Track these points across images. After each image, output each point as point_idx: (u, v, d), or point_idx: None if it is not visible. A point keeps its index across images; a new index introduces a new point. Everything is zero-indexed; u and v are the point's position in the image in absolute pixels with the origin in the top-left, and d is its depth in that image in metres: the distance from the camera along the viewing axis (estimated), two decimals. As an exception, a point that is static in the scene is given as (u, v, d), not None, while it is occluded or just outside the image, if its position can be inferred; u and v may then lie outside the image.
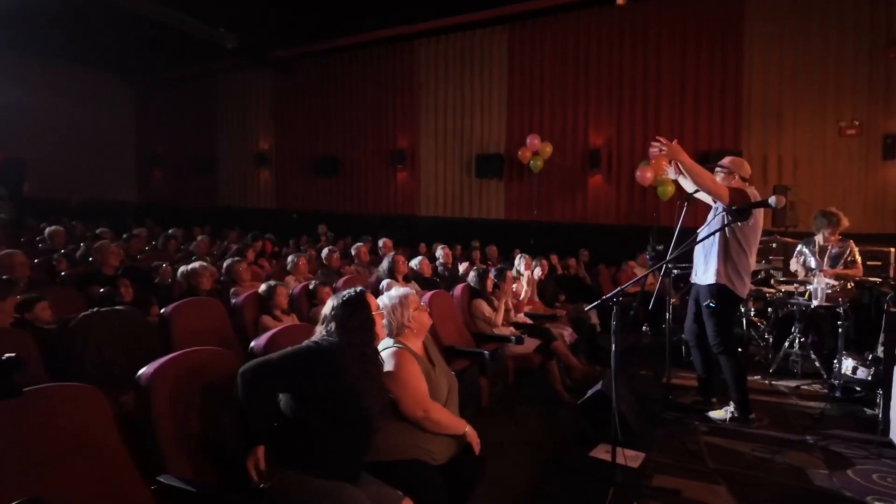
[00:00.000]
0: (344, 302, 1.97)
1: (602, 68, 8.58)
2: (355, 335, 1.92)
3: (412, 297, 2.31)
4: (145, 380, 1.93)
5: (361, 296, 2.00)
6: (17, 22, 9.23)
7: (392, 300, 2.27)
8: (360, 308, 1.96)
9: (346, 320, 1.92)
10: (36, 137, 11.68)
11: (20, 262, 3.91)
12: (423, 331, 2.31)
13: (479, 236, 9.01)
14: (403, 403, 2.07)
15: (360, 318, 1.94)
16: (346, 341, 1.90)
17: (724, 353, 3.42)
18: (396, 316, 2.24)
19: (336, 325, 1.93)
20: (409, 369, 2.12)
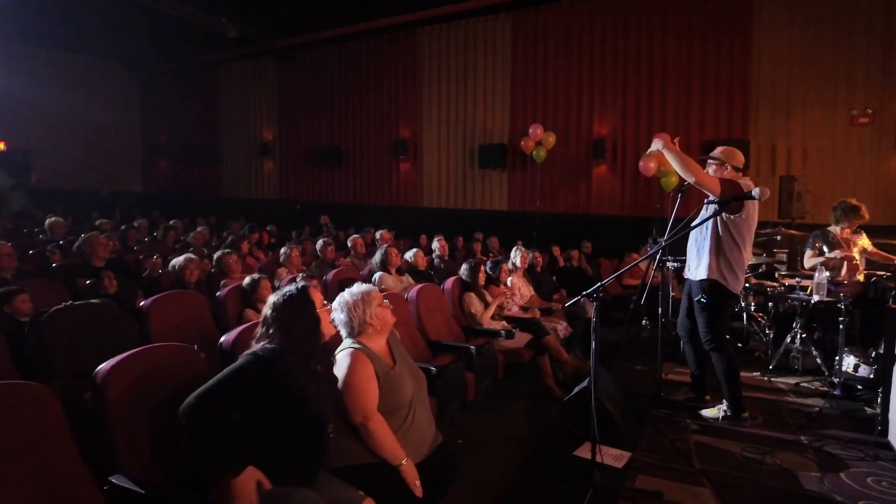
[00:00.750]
0: (284, 302, 1.86)
1: (607, 56, 8.39)
2: (298, 337, 1.81)
3: (375, 294, 2.24)
4: (100, 377, 1.88)
5: (303, 293, 1.89)
6: (22, 12, 9.25)
7: (354, 297, 2.20)
8: (303, 307, 1.86)
9: (287, 322, 1.82)
10: (42, 128, 11.77)
11: (6, 254, 3.91)
12: (386, 328, 2.24)
13: (481, 227, 8.92)
14: (347, 406, 2.00)
15: (302, 318, 1.84)
16: (288, 345, 1.79)
17: (715, 349, 3.31)
18: (358, 313, 2.17)
19: (276, 328, 1.81)
20: (359, 373, 2.04)
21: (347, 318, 2.18)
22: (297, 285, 1.93)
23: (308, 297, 1.88)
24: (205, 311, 3.39)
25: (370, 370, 2.09)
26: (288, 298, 1.86)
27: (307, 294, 1.89)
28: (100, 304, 2.85)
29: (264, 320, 1.85)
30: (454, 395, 3.22)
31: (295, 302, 1.85)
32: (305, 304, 1.86)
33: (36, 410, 1.68)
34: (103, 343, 2.70)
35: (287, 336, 1.79)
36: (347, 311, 2.18)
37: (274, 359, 1.74)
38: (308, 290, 1.91)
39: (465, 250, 8.10)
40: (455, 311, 4.23)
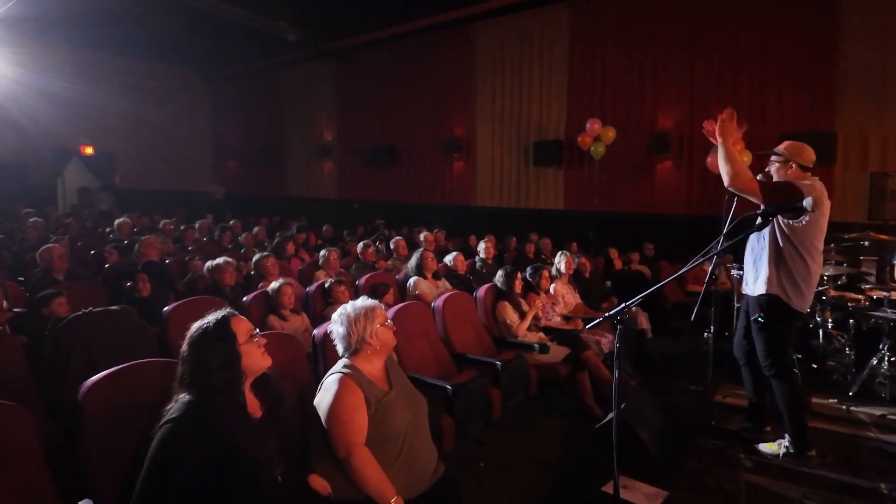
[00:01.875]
0: (199, 335, 1.64)
1: (672, 42, 7.80)
2: (216, 379, 1.59)
3: (379, 312, 2.08)
4: (80, 396, 1.84)
5: (221, 324, 1.67)
6: (101, 23, 9.89)
7: (356, 311, 2.05)
8: (219, 342, 1.63)
9: (202, 361, 1.60)
10: (123, 133, 12.60)
11: (58, 255, 4.10)
12: (386, 350, 2.07)
13: (536, 227, 8.60)
14: (331, 438, 1.85)
15: (219, 355, 1.62)
16: (205, 392, 1.57)
17: (776, 376, 2.89)
18: (358, 329, 2.02)
19: (191, 370, 1.61)
20: (346, 401, 1.88)
21: (346, 332, 2.04)
22: (217, 314, 1.71)
23: (225, 330, 1.66)
24: (228, 317, 3.38)
25: (359, 398, 1.93)
26: (202, 332, 1.65)
27: (226, 325, 1.67)
28: (118, 310, 2.88)
29: (181, 358, 1.66)
30: (474, 415, 3.01)
31: (210, 336, 1.64)
32: (222, 338, 1.64)
33: (8, 429, 1.65)
34: (119, 350, 2.71)
35: (203, 379, 1.59)
36: (347, 325, 2.04)
37: (192, 418, 1.54)
38: (228, 321, 1.69)
39: (517, 252, 7.83)
40: (488, 321, 4.02)
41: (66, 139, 11.73)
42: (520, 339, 3.88)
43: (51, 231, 7.02)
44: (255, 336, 1.74)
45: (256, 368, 1.73)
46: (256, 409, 1.74)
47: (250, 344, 1.70)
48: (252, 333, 1.73)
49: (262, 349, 1.74)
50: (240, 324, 1.71)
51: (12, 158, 11.15)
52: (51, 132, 11.29)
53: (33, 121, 10.76)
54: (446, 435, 2.80)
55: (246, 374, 1.69)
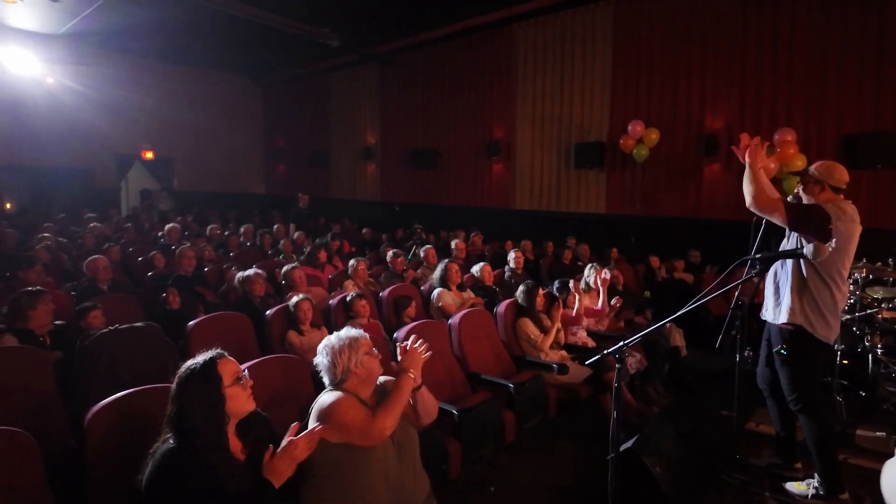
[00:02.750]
0: (186, 377, 1.68)
1: (721, 39, 7.39)
2: (200, 420, 1.62)
3: (364, 342, 2.08)
4: (86, 422, 1.95)
5: (207, 367, 1.69)
6: (158, 34, 10.42)
7: (341, 342, 2.07)
8: (205, 385, 1.66)
9: (187, 402, 1.64)
10: (181, 138, 13.25)
11: (102, 267, 4.36)
12: (372, 379, 2.08)
13: (576, 231, 8.41)
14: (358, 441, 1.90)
15: (204, 397, 1.65)
16: (190, 434, 1.61)
17: (802, 411, 2.69)
18: (343, 360, 2.03)
19: (177, 410, 1.64)
20: (346, 408, 1.92)
21: (331, 363, 2.05)
22: (206, 355, 1.75)
23: (212, 372, 1.69)
24: (249, 332, 3.49)
25: (353, 401, 1.97)
26: (189, 373, 1.69)
27: (212, 369, 1.70)
28: (143, 327, 3.03)
29: (170, 396, 1.70)
30: (483, 439, 2.98)
31: (196, 377, 1.68)
32: (208, 380, 1.68)
33: (14, 455, 1.76)
34: (143, 367, 2.86)
35: (187, 420, 1.63)
36: (332, 357, 2.06)
37: (173, 460, 1.59)
38: (215, 363, 1.72)
39: (554, 258, 7.69)
40: (508, 338, 3.95)
41: (128, 145, 12.46)
42: (541, 356, 3.80)
43: (110, 235, 7.48)
44: (242, 379, 1.76)
45: (241, 410, 1.76)
46: (239, 451, 1.77)
47: (236, 387, 1.72)
48: (239, 376, 1.76)
49: (247, 392, 1.77)
50: (226, 366, 1.74)
51: (80, 164, 11.95)
52: (114, 139, 12.04)
53: (98, 129, 11.51)
54: (453, 460, 2.79)
55: (230, 417, 1.73)
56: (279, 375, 2.48)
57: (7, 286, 4.06)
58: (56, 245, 6.19)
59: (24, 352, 2.62)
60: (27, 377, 2.52)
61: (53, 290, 4.10)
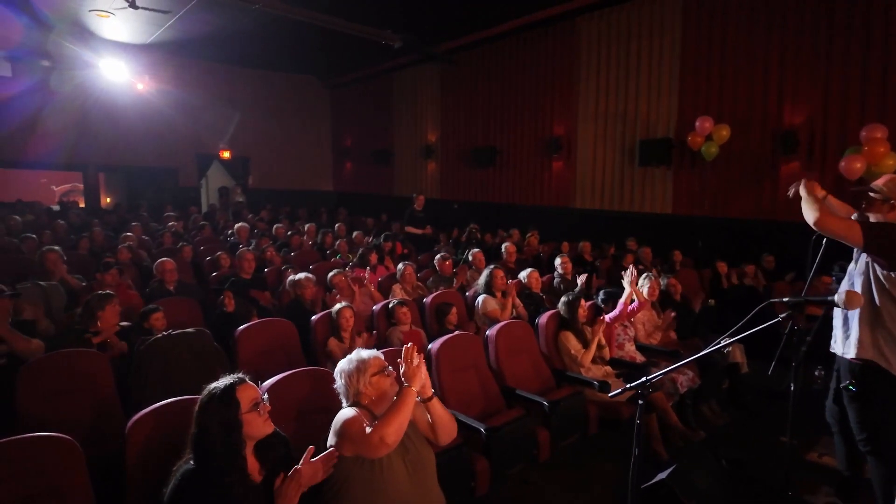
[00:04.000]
0: (206, 402, 1.77)
1: (804, 26, 6.78)
2: (218, 442, 1.72)
3: (372, 363, 2.12)
4: (127, 428, 2.11)
5: (227, 393, 1.77)
6: (233, 40, 10.99)
7: (350, 364, 2.13)
8: (223, 410, 1.75)
9: (206, 426, 1.73)
10: (256, 138, 13.96)
11: (168, 269, 4.68)
12: (384, 398, 2.10)
13: (639, 233, 8.08)
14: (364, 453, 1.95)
15: (221, 423, 1.73)
16: (208, 455, 1.71)
17: (872, 453, 2.44)
18: (353, 382, 2.09)
19: (197, 432, 1.74)
20: (352, 420, 1.98)
21: (344, 387, 2.13)
22: (227, 380, 1.83)
23: (230, 399, 1.77)
24: (294, 339, 3.63)
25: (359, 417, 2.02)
26: (209, 397, 1.79)
27: (231, 395, 1.78)
28: (194, 333, 3.22)
29: (193, 416, 1.80)
30: (513, 457, 2.94)
31: (216, 401, 1.77)
32: (227, 405, 1.76)
33: (57, 461, 1.93)
34: (193, 372, 3.05)
35: (206, 442, 1.73)
36: (345, 380, 2.14)
37: (191, 480, 1.70)
38: (234, 389, 1.79)
39: (613, 261, 7.42)
40: (549, 351, 3.87)
41: (207, 145, 13.28)
42: (582, 372, 3.69)
43: (185, 234, 8.03)
44: (260, 405, 1.84)
45: (258, 434, 1.84)
46: (256, 472, 1.85)
47: (253, 413, 1.80)
48: (257, 402, 1.83)
49: (264, 417, 1.84)
50: (246, 392, 1.82)
51: (166, 164, 12.90)
52: (195, 140, 12.88)
53: (180, 130, 12.36)
54: (480, 477, 2.78)
55: (247, 440, 1.82)
56: (308, 387, 2.57)
57: (88, 287, 4.46)
58: (138, 243, 6.72)
59: (86, 355, 2.87)
60: (88, 379, 2.76)
61: (127, 292, 4.47)
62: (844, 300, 2.04)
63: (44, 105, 10.87)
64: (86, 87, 11.13)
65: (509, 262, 6.15)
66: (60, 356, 2.80)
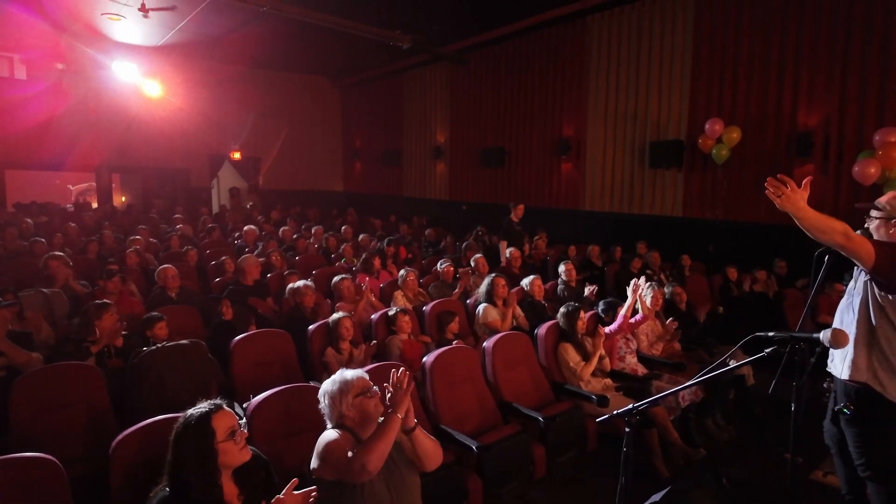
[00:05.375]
0: (182, 430, 1.74)
1: (820, 25, 6.60)
2: (192, 473, 1.70)
3: (355, 383, 2.08)
4: (112, 448, 2.10)
5: (202, 422, 1.74)
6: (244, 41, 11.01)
7: (333, 386, 2.09)
8: (198, 440, 1.72)
9: (181, 456, 1.71)
10: (265, 138, 14.02)
11: (171, 276, 4.70)
12: (368, 419, 2.06)
13: (648, 236, 7.96)
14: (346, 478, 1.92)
15: (196, 452, 1.71)
16: (183, 485, 1.69)
17: (872, 479, 2.36)
18: (336, 404, 2.06)
19: (172, 459, 1.73)
20: (334, 445, 1.96)
21: (328, 408, 2.10)
22: (201, 409, 1.79)
23: (205, 428, 1.74)
24: (290, 350, 3.61)
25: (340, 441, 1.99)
26: (184, 426, 1.76)
27: (206, 424, 1.75)
28: (188, 344, 3.22)
29: (169, 444, 1.77)
30: (507, 475, 2.89)
31: (190, 431, 1.74)
32: (202, 435, 1.73)
33: (40, 482, 1.93)
34: (186, 384, 3.05)
35: (180, 471, 1.71)
36: (328, 401, 2.10)
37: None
38: (209, 418, 1.76)
39: (620, 265, 7.31)
40: (549, 363, 3.81)
41: (218, 146, 13.37)
42: (582, 386, 3.63)
43: (193, 238, 8.08)
44: (236, 433, 1.80)
45: (234, 463, 1.82)
46: (234, 497, 1.83)
47: (229, 442, 1.77)
48: (233, 430, 1.80)
49: (241, 445, 1.81)
50: (221, 420, 1.79)
51: (179, 164, 13.03)
52: (206, 141, 12.97)
53: (192, 132, 12.44)
54: (473, 496, 2.74)
55: (223, 469, 1.80)
56: (297, 405, 2.54)
57: (92, 293, 4.49)
58: (145, 247, 6.77)
59: (82, 369, 2.87)
60: (82, 394, 2.77)
61: (129, 299, 4.50)
62: (830, 339, 1.95)
63: (58, 107, 11.02)
64: (99, 89, 11.25)
65: (514, 268, 6.08)
66: (55, 370, 2.81)
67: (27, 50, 11.35)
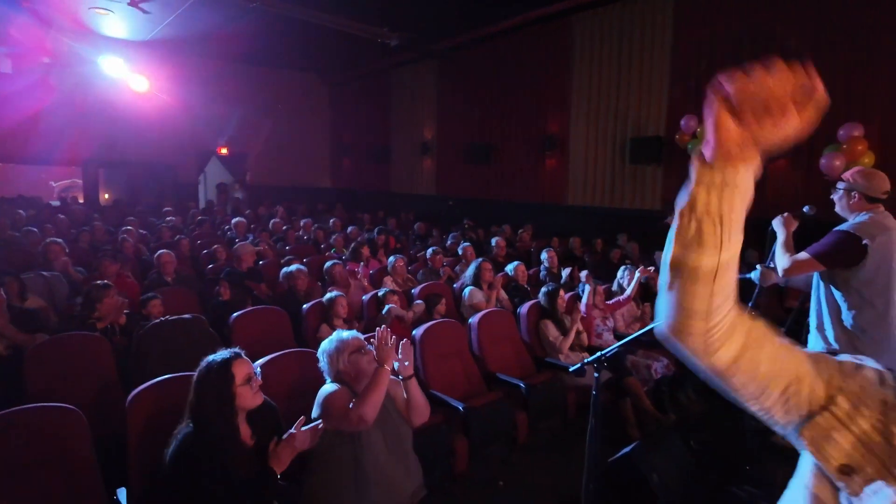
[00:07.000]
0: (204, 374, 1.94)
1: (791, 26, 6.92)
2: (212, 412, 1.89)
3: (350, 342, 2.29)
4: (128, 401, 2.28)
5: (224, 367, 1.94)
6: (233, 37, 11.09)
7: (331, 345, 2.29)
8: (219, 383, 1.91)
9: (202, 397, 1.90)
10: (254, 134, 14.08)
11: (167, 261, 4.85)
12: (363, 374, 2.27)
13: (629, 229, 8.25)
14: (345, 427, 2.11)
15: (216, 394, 1.90)
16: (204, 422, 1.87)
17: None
18: (333, 361, 2.26)
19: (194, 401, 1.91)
20: (334, 397, 2.16)
21: (326, 365, 2.30)
22: (224, 354, 1.99)
23: (226, 373, 1.93)
24: (286, 326, 3.80)
25: (342, 392, 2.20)
26: (207, 369, 1.95)
27: (227, 367, 1.94)
28: (190, 319, 3.39)
29: (192, 385, 1.97)
30: (491, 437, 3.11)
31: (213, 374, 1.93)
32: (222, 378, 1.92)
33: (65, 430, 2.11)
34: (189, 356, 3.20)
35: (202, 410, 1.90)
36: (327, 359, 2.30)
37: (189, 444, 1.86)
38: (230, 364, 1.95)
39: (602, 255, 7.59)
40: (531, 340, 4.04)
41: (205, 142, 13.42)
42: (561, 358, 3.87)
43: (183, 228, 8.19)
44: (252, 379, 2.01)
45: (249, 406, 2.02)
46: (248, 437, 2.03)
47: (245, 387, 1.97)
48: (249, 376, 2.00)
49: (255, 390, 2.02)
50: (241, 367, 1.99)
51: (166, 160, 13.04)
52: (194, 136, 13.01)
53: (179, 127, 12.46)
54: (459, 455, 2.95)
55: (240, 410, 1.99)
56: (297, 369, 2.74)
57: (90, 277, 4.62)
58: (137, 237, 6.87)
59: (91, 339, 3.04)
60: (92, 363, 2.93)
61: (126, 281, 4.64)
62: (760, 277, 2.17)
63: (44, 101, 11.01)
64: (86, 83, 11.26)
65: (499, 256, 6.31)
66: (66, 339, 2.97)
67: (13, 44, 11.31)
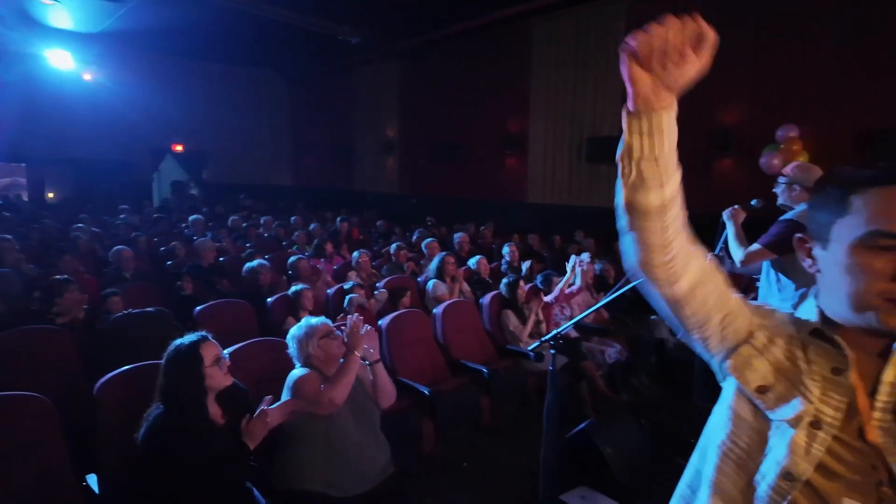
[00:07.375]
0: (173, 357, 1.98)
1: (735, 31, 7.32)
2: (182, 394, 1.93)
3: (319, 328, 2.37)
4: (97, 390, 2.29)
5: (192, 350, 1.99)
6: (188, 33, 10.89)
7: (300, 331, 2.37)
8: (188, 365, 1.96)
9: (173, 379, 1.94)
10: (212, 132, 13.79)
11: (126, 257, 4.77)
12: (332, 359, 2.35)
13: (586, 225, 8.54)
14: (316, 409, 2.18)
15: (187, 376, 1.95)
16: (175, 403, 1.92)
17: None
18: (303, 346, 2.34)
19: (164, 383, 1.95)
20: (304, 381, 2.23)
21: (296, 351, 2.37)
22: (192, 337, 2.04)
23: (194, 355, 1.98)
24: (251, 318, 3.82)
25: (312, 376, 2.28)
26: (176, 352, 2.00)
27: (195, 349, 1.99)
28: (155, 312, 3.38)
29: (161, 369, 2.02)
30: (456, 421, 3.24)
31: (182, 356, 1.99)
32: (191, 360, 1.98)
33: (33, 418, 2.11)
34: (154, 348, 3.20)
35: (173, 392, 1.95)
36: (297, 344, 2.38)
37: (161, 425, 1.90)
38: (198, 346, 2.01)
39: (560, 251, 7.83)
40: (494, 329, 4.19)
41: (160, 139, 13.07)
42: (521, 345, 4.03)
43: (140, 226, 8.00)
44: (221, 360, 2.06)
45: (218, 386, 2.07)
46: (219, 416, 2.08)
47: (214, 367, 2.03)
48: (218, 357, 2.06)
49: (224, 371, 2.07)
50: (209, 349, 2.04)
51: (118, 157, 12.62)
52: (147, 133, 12.65)
53: (132, 123, 12.11)
54: (426, 438, 3.07)
55: (209, 391, 2.04)
56: (266, 357, 2.79)
57: (45, 273, 4.50)
58: (90, 235, 6.68)
59: (52, 334, 3.00)
60: (55, 356, 2.90)
61: (84, 276, 4.54)
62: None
63: (-13, 95, 10.51)
64: (32, 76, 10.80)
65: (462, 252, 6.45)
66: (27, 333, 2.92)
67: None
